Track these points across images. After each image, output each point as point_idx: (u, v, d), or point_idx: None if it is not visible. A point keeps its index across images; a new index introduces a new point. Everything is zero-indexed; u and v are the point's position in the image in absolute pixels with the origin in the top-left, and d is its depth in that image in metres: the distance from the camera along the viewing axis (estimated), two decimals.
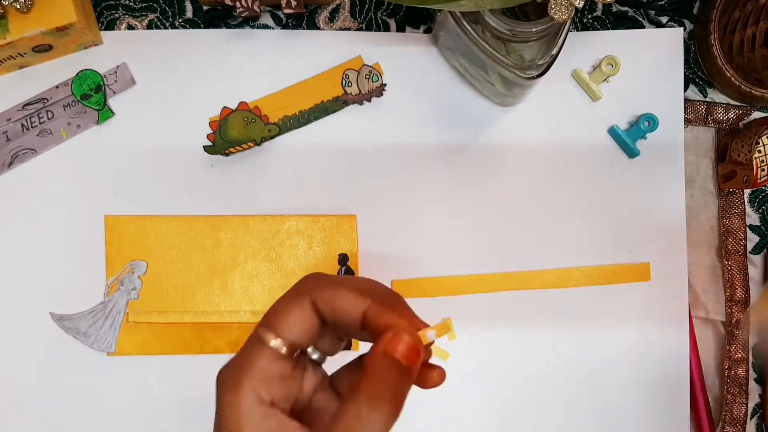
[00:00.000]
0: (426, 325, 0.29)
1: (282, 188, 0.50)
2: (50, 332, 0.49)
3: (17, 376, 0.49)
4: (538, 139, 0.51)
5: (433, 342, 0.29)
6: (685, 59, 0.51)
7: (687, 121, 0.52)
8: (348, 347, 0.49)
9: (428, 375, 0.30)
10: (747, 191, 0.52)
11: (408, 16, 0.51)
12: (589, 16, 0.52)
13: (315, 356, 0.31)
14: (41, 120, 0.49)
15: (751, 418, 0.52)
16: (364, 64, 0.50)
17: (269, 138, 0.49)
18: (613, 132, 0.51)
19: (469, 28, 0.41)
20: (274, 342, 0.29)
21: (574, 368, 0.51)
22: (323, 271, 0.50)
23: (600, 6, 0.51)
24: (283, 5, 0.47)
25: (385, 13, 0.51)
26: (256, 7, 0.47)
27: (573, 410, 0.51)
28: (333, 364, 0.48)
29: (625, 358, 0.51)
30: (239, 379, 0.29)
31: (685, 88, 0.52)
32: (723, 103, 0.52)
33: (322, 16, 0.51)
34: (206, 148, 0.49)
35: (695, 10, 0.52)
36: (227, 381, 0.29)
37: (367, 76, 0.50)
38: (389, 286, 0.50)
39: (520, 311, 0.51)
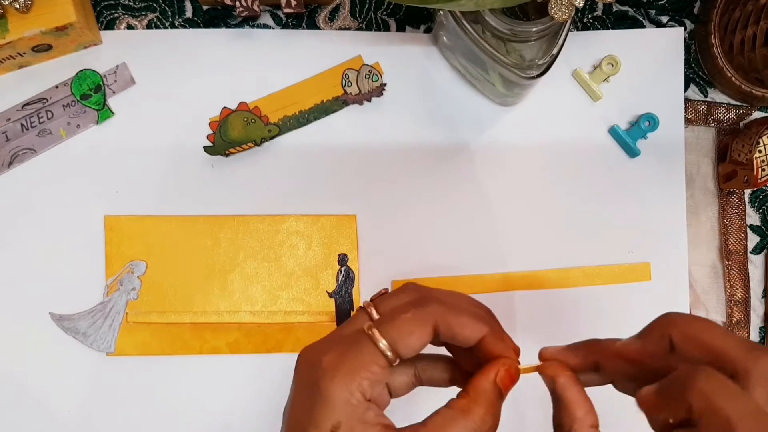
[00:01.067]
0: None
1: (282, 188, 0.50)
2: (50, 332, 0.49)
3: (17, 376, 0.49)
4: (538, 139, 0.51)
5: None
6: (685, 59, 0.51)
7: (687, 121, 0.52)
8: None
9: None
10: (747, 191, 0.52)
11: (408, 16, 0.51)
12: (590, 16, 0.52)
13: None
14: (41, 120, 0.49)
15: None
16: (364, 64, 0.50)
17: (269, 138, 0.49)
18: (613, 132, 0.51)
19: (469, 27, 0.41)
20: (391, 355, 0.31)
21: None
22: (323, 271, 0.50)
23: (600, 6, 0.51)
24: (283, 5, 0.47)
25: (385, 13, 0.51)
26: (256, 7, 0.47)
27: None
28: None
29: None
30: (352, 375, 0.30)
31: (686, 87, 0.52)
32: (723, 103, 0.52)
33: (322, 16, 0.51)
34: (206, 149, 0.49)
35: (696, 10, 0.52)
36: (339, 370, 0.30)
37: (367, 76, 0.50)
38: (389, 286, 0.50)
39: (520, 311, 0.51)
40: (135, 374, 0.49)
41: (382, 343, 0.30)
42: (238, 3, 0.47)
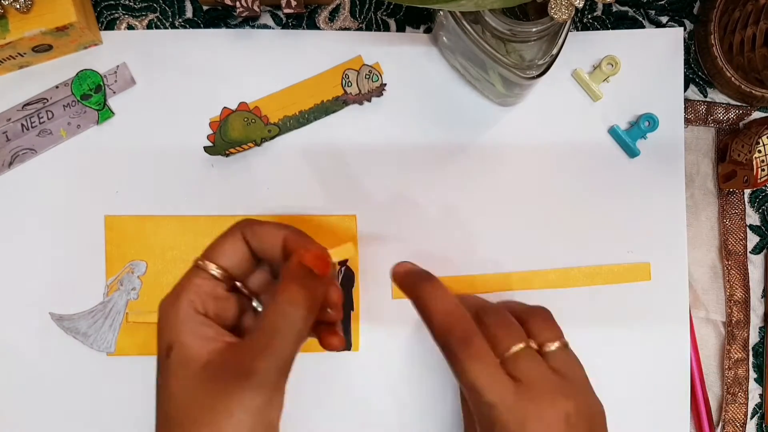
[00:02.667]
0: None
1: (282, 188, 0.50)
2: (50, 332, 0.49)
3: (17, 376, 0.49)
4: (538, 139, 0.51)
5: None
6: (685, 59, 0.51)
7: (687, 121, 0.52)
8: (348, 348, 0.49)
9: (329, 338, 0.37)
10: (747, 191, 0.52)
11: (408, 16, 0.51)
12: (589, 16, 0.52)
13: (260, 309, 0.37)
14: (41, 120, 0.49)
15: (751, 418, 0.52)
16: (364, 64, 0.50)
17: (269, 138, 0.49)
18: (613, 132, 0.51)
19: (469, 28, 0.41)
20: (206, 264, 0.35)
21: None
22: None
23: (600, 6, 0.51)
24: (283, 5, 0.47)
25: (385, 13, 0.51)
26: (256, 7, 0.47)
27: None
28: (331, 364, 0.48)
29: (625, 358, 0.51)
30: (176, 294, 0.34)
31: (686, 88, 0.52)
32: (723, 103, 0.52)
33: (322, 16, 0.51)
34: (206, 149, 0.49)
35: (695, 10, 0.52)
36: (167, 299, 0.34)
37: (367, 76, 0.50)
38: (389, 285, 0.50)
39: None
40: (135, 374, 0.49)
41: (203, 263, 0.35)
42: (238, 3, 0.47)
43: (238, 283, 0.36)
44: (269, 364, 0.31)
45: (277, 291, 0.33)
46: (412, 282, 0.38)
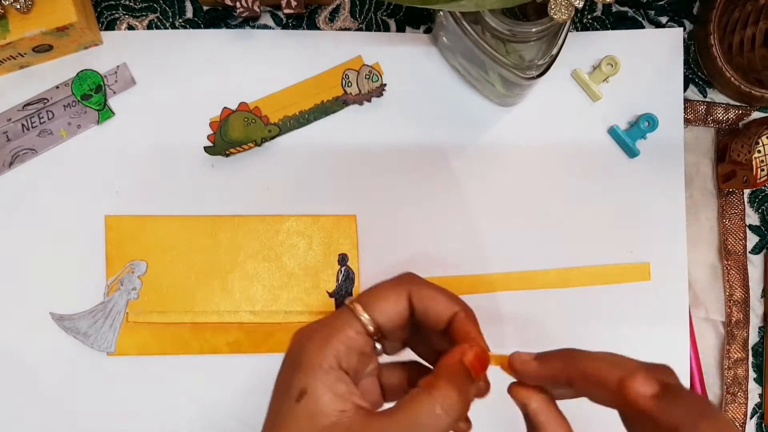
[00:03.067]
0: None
1: (282, 188, 0.50)
2: (50, 332, 0.49)
3: (17, 376, 0.49)
4: (538, 139, 0.51)
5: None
6: (685, 59, 0.51)
7: (687, 121, 0.52)
8: None
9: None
10: (747, 191, 0.52)
11: (408, 16, 0.51)
12: (589, 16, 0.52)
13: (378, 347, 0.34)
14: (41, 120, 0.49)
15: (750, 418, 0.52)
16: (364, 64, 0.50)
17: (269, 138, 0.49)
18: (613, 132, 0.51)
19: (469, 28, 0.41)
20: (365, 318, 0.31)
21: None
22: (324, 271, 0.50)
23: (600, 6, 0.52)
24: (283, 5, 0.47)
25: (385, 13, 0.51)
26: (256, 7, 0.47)
27: (572, 410, 0.51)
28: None
29: None
30: (327, 340, 0.31)
31: (685, 88, 0.52)
32: (723, 103, 0.52)
33: (322, 16, 0.51)
34: (206, 149, 0.49)
35: (695, 10, 0.52)
36: (315, 339, 0.31)
37: (367, 76, 0.50)
38: None
39: (520, 311, 0.51)
40: (135, 374, 0.49)
41: (358, 308, 0.32)
42: (238, 3, 0.47)
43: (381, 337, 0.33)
44: None
45: (434, 387, 0.30)
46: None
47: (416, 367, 0.35)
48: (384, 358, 0.35)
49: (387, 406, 0.33)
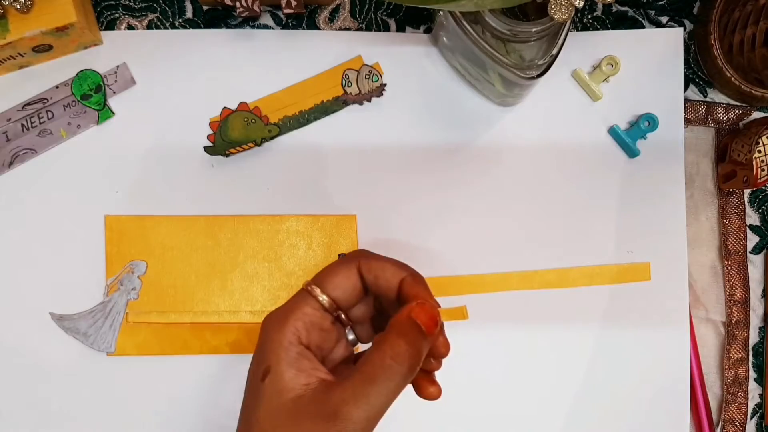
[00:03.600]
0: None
1: (282, 188, 0.50)
2: (50, 332, 0.49)
3: (17, 376, 0.49)
4: (538, 139, 0.51)
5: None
6: (685, 59, 0.51)
7: (687, 121, 0.52)
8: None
9: (427, 387, 0.35)
10: (747, 191, 0.52)
11: (408, 16, 0.51)
12: (589, 16, 0.52)
13: (351, 337, 0.36)
14: (41, 120, 0.49)
15: (751, 418, 0.52)
16: (364, 64, 0.50)
17: (269, 138, 0.49)
18: (613, 132, 0.51)
19: (469, 28, 0.41)
20: (318, 293, 0.34)
21: (574, 368, 0.51)
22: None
23: (600, 6, 0.51)
24: (283, 5, 0.47)
25: (385, 13, 0.51)
26: (256, 7, 0.47)
27: (572, 410, 0.51)
28: None
29: (625, 358, 0.51)
30: (285, 319, 0.33)
31: (685, 88, 0.52)
32: (723, 103, 0.52)
33: (322, 16, 0.51)
34: (206, 149, 0.49)
35: (695, 10, 0.52)
36: (273, 320, 0.34)
37: (367, 76, 0.50)
38: None
39: (519, 311, 0.51)
40: (135, 374, 0.49)
41: (312, 286, 0.34)
42: (238, 3, 0.47)
43: (341, 313, 0.36)
44: (360, 412, 0.30)
45: (383, 341, 0.32)
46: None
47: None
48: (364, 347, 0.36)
49: None
